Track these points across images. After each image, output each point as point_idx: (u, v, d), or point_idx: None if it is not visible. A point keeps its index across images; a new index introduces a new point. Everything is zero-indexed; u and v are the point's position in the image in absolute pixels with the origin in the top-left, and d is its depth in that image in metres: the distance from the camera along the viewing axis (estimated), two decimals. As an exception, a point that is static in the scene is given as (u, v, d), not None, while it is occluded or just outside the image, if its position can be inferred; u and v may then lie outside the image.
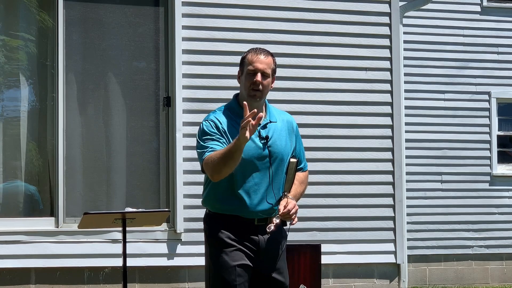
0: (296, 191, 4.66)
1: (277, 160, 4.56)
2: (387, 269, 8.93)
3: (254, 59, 4.54)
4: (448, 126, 13.66)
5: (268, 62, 4.56)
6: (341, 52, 8.90)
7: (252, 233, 4.53)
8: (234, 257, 4.48)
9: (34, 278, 8.00)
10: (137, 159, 8.41)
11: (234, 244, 4.50)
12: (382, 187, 8.91)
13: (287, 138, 4.66)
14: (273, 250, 4.59)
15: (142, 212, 6.23)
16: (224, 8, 8.58)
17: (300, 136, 4.79)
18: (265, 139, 4.55)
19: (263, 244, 4.54)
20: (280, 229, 4.58)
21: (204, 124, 4.57)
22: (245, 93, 4.55)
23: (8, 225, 7.96)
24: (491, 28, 13.98)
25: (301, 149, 4.77)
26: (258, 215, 4.53)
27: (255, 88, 4.52)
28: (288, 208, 4.46)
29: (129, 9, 8.46)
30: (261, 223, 4.54)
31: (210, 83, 8.48)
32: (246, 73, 4.54)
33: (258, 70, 4.52)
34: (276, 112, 4.73)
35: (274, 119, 4.66)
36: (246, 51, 4.63)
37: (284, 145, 4.61)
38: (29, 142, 8.22)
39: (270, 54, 4.61)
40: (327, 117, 8.79)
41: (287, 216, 4.48)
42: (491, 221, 13.78)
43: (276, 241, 4.59)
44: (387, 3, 9.00)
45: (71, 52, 8.24)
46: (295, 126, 4.75)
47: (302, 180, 4.74)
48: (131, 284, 8.05)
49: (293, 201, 4.53)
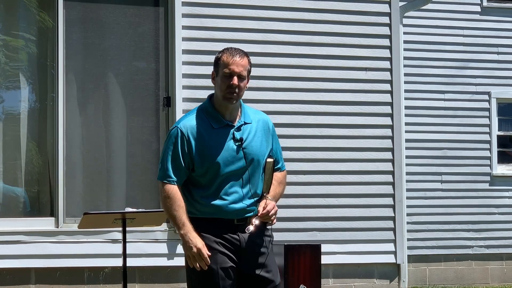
0: (275, 191, 4.62)
1: (253, 161, 4.52)
2: (387, 269, 8.93)
3: (230, 61, 4.45)
4: (448, 126, 13.66)
5: (244, 64, 4.47)
6: (341, 52, 8.90)
7: (233, 232, 4.50)
8: (216, 261, 4.45)
9: (34, 278, 8.00)
10: (137, 159, 8.41)
11: (215, 247, 4.46)
12: (382, 187, 8.91)
13: (262, 138, 4.59)
14: (256, 247, 4.54)
15: (142, 212, 6.23)
16: (224, 8, 8.58)
17: (276, 135, 4.72)
18: (239, 141, 4.50)
19: (244, 243, 4.50)
20: (261, 228, 4.55)
21: (172, 133, 4.52)
22: (220, 96, 4.50)
23: (8, 225, 7.96)
24: (491, 28, 13.98)
25: (277, 148, 4.71)
26: (237, 215, 4.50)
27: (231, 91, 4.45)
28: (267, 210, 4.46)
29: (129, 9, 8.46)
30: (241, 222, 4.51)
31: (210, 83, 8.35)
32: (222, 75, 4.47)
33: (234, 73, 4.44)
34: (251, 112, 4.63)
35: (249, 120, 4.57)
36: (220, 51, 4.54)
37: (259, 146, 4.56)
38: (29, 142, 8.22)
39: (245, 54, 4.52)
40: (327, 117, 8.78)
41: (266, 217, 4.48)
42: (491, 221, 13.78)
43: (258, 239, 4.55)
44: (387, 3, 9.00)
45: (71, 52, 8.24)
46: (271, 125, 4.67)
47: (281, 180, 4.68)
48: (131, 284, 8.05)
49: (272, 202, 4.52)
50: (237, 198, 4.49)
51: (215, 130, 4.48)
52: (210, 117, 4.52)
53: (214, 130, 4.48)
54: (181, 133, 4.47)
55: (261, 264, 4.55)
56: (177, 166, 4.49)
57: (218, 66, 4.52)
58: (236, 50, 4.51)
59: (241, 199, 4.50)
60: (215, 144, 4.46)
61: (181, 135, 4.47)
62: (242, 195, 4.50)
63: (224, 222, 4.49)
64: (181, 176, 4.50)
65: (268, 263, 4.57)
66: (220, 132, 4.49)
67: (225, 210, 4.47)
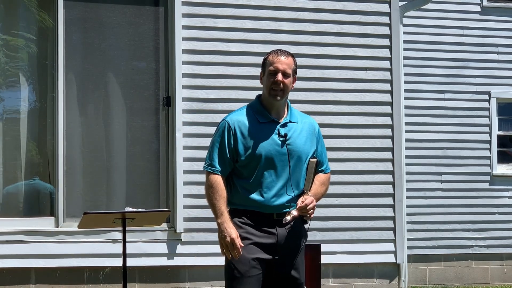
0: (316, 190, 4.80)
1: (295, 157, 4.71)
2: (387, 269, 8.93)
3: (275, 59, 4.72)
4: (448, 126, 13.66)
5: (288, 63, 4.73)
6: (341, 52, 8.90)
7: (271, 226, 4.67)
8: (249, 250, 4.62)
9: (34, 278, 8.00)
10: (137, 159, 8.41)
11: (250, 238, 4.64)
12: (382, 187, 8.91)
13: (307, 138, 4.80)
14: (292, 245, 4.73)
15: (142, 212, 6.24)
16: (224, 8, 8.58)
17: (322, 139, 4.94)
18: (283, 137, 4.71)
19: (281, 238, 4.68)
20: (299, 225, 4.73)
21: (220, 126, 4.76)
22: (266, 93, 4.73)
23: (8, 225, 7.96)
24: (491, 28, 13.98)
25: (323, 151, 4.93)
26: (276, 210, 4.67)
27: (275, 88, 4.68)
28: (305, 203, 4.63)
29: (129, 9, 8.46)
30: (280, 217, 4.68)
31: (210, 83, 8.48)
32: (268, 73, 4.72)
33: (278, 70, 4.69)
34: (299, 114, 4.87)
35: (295, 119, 4.80)
36: (267, 53, 4.80)
37: (303, 144, 4.76)
38: (29, 142, 8.22)
39: (290, 55, 4.78)
40: (327, 117, 8.78)
41: (304, 210, 4.64)
42: (491, 221, 13.78)
43: (295, 237, 4.73)
44: (387, 3, 9.00)
45: (71, 52, 8.24)
46: (318, 129, 4.90)
47: (323, 182, 4.88)
48: (131, 284, 8.05)
49: (311, 197, 4.68)
50: (278, 192, 4.68)
51: (261, 125, 4.71)
52: (257, 113, 4.74)
53: (260, 124, 4.71)
54: (228, 125, 4.72)
55: (292, 262, 4.73)
56: (223, 157, 4.71)
57: (264, 65, 4.78)
58: (282, 50, 4.80)
59: (281, 194, 4.68)
60: (260, 137, 4.68)
61: (228, 128, 4.71)
62: (283, 190, 4.69)
63: (262, 216, 4.68)
64: (225, 167, 4.71)
65: (298, 261, 4.77)
66: (265, 127, 4.71)
67: (264, 204, 4.66)
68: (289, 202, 4.69)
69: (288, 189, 4.69)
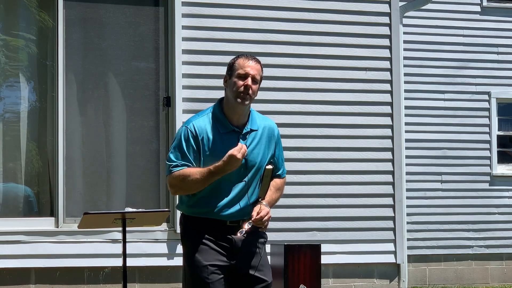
0: (271, 197, 4.72)
1: (253, 170, 4.63)
2: (387, 269, 8.93)
3: (246, 64, 4.61)
4: (448, 126, 13.66)
5: (258, 69, 4.64)
6: (341, 52, 8.90)
7: (226, 233, 4.60)
8: (206, 257, 4.56)
9: (34, 278, 8.00)
10: (137, 159, 8.41)
11: (207, 244, 4.58)
12: (382, 187, 8.91)
13: (266, 146, 4.69)
14: (249, 248, 4.64)
15: (142, 212, 6.23)
16: (224, 8, 8.58)
17: (281, 143, 4.82)
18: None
19: (238, 243, 4.60)
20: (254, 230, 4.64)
21: (183, 132, 4.61)
22: (233, 97, 4.59)
23: (8, 225, 7.96)
24: (491, 28, 13.98)
25: (280, 156, 4.80)
26: (230, 217, 4.60)
27: (245, 92, 4.57)
28: (260, 215, 4.55)
29: (129, 9, 8.46)
30: (234, 224, 4.60)
31: (210, 83, 8.48)
32: (237, 76, 4.59)
33: (249, 74, 4.59)
34: (259, 118, 4.74)
35: (255, 126, 4.68)
36: (234, 57, 4.69)
37: (262, 154, 4.66)
38: (29, 142, 8.22)
39: (259, 61, 4.68)
40: (327, 117, 8.79)
41: (259, 222, 4.57)
42: (491, 221, 13.78)
43: (252, 240, 4.65)
44: (387, 3, 9.00)
45: (71, 52, 8.24)
46: (277, 132, 4.77)
47: (278, 187, 4.79)
48: (131, 284, 8.05)
49: (266, 208, 4.61)
50: (233, 202, 4.59)
51: (221, 135, 4.60)
52: (218, 121, 4.62)
53: (220, 134, 4.59)
54: (189, 132, 4.58)
55: (254, 264, 4.64)
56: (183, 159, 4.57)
57: (232, 69, 4.65)
58: (251, 55, 4.70)
59: (235, 202, 4.60)
60: (219, 148, 4.55)
61: (189, 134, 4.57)
62: (238, 199, 4.60)
63: (216, 222, 4.59)
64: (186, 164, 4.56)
65: (260, 262, 4.67)
66: (226, 138, 4.60)
67: (217, 212, 4.58)
68: (244, 210, 4.61)
69: (244, 199, 4.60)
